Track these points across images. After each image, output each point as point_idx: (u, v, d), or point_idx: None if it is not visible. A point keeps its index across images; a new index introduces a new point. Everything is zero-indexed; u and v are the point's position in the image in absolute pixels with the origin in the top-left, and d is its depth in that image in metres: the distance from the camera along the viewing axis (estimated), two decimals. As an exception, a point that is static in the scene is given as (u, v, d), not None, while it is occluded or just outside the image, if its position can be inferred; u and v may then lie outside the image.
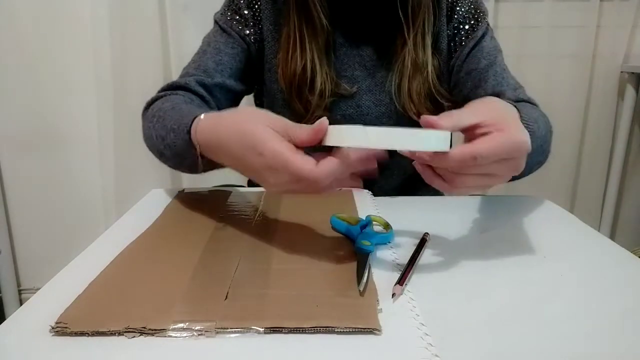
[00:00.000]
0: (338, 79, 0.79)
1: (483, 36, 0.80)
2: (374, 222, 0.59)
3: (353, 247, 0.53)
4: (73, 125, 1.58)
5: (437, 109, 0.79)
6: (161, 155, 0.66)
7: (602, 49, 1.57)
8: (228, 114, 0.53)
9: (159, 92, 0.75)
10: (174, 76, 1.50)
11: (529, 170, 0.67)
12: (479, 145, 0.44)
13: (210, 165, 0.58)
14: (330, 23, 0.76)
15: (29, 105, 1.55)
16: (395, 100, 0.78)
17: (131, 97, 1.51)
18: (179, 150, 0.59)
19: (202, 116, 0.56)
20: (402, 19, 0.75)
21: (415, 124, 0.77)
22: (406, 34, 0.75)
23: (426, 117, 0.46)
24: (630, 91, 1.58)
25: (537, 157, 0.64)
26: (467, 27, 0.79)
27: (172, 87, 0.74)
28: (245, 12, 0.78)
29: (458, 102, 0.79)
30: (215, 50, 0.77)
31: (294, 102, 0.78)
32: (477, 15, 0.80)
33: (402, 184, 0.85)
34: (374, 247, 0.51)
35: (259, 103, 0.88)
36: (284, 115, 0.51)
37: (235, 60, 0.78)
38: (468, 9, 0.79)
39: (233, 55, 0.78)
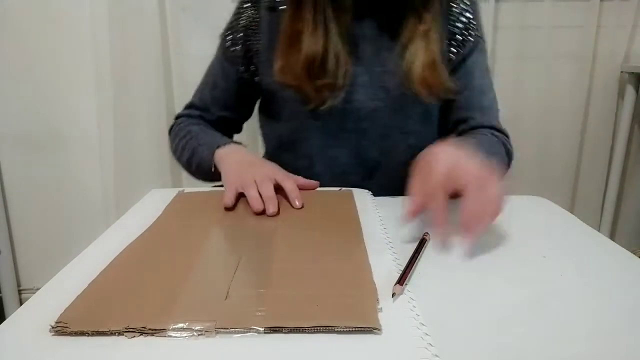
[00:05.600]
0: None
1: (470, 53, 0.81)
2: None
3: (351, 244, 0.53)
4: (73, 125, 1.58)
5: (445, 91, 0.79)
6: (187, 160, 0.83)
7: (602, 49, 1.57)
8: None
9: (176, 116, 0.92)
10: (174, 76, 1.51)
11: None
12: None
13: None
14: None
15: (29, 105, 1.55)
16: (404, 86, 0.77)
17: (131, 97, 1.51)
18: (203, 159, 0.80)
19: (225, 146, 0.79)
20: (412, 9, 0.75)
21: (409, 116, 0.79)
22: (415, 23, 0.75)
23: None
24: (630, 91, 1.58)
25: None
26: (459, 37, 0.80)
27: (186, 115, 0.90)
28: (241, 30, 0.83)
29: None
30: (213, 85, 0.88)
31: (307, 86, 0.76)
32: (470, 26, 0.81)
33: (403, 181, 0.85)
34: None
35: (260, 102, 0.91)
36: (276, 109, 0.84)
37: (228, 93, 0.88)
38: (464, 12, 0.80)
39: (226, 89, 0.87)
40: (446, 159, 0.56)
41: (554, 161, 1.65)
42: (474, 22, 0.81)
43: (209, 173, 0.78)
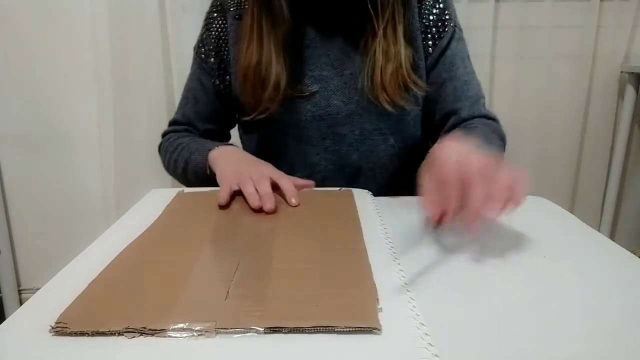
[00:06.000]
0: (305, 78, 0.79)
1: (448, 44, 0.80)
2: None
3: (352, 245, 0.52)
4: (73, 125, 1.58)
5: (412, 98, 0.80)
6: (183, 171, 0.83)
7: (602, 49, 1.57)
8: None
9: (163, 134, 0.91)
10: (174, 76, 1.51)
11: None
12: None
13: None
14: (297, 20, 0.76)
15: (29, 105, 1.55)
16: (368, 93, 0.77)
17: (131, 97, 1.51)
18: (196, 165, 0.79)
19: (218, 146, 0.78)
20: (371, 11, 0.74)
21: (387, 116, 0.79)
22: (376, 25, 0.75)
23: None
24: (630, 91, 1.58)
25: None
26: (434, 29, 0.80)
27: (173, 131, 0.89)
28: (213, 42, 0.83)
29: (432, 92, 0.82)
30: (194, 100, 0.87)
31: (246, 96, 0.78)
32: (444, 17, 0.80)
33: (386, 183, 0.85)
34: None
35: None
36: (253, 119, 0.79)
37: (210, 107, 0.87)
38: (436, 5, 0.80)
39: (207, 103, 0.87)
40: (452, 155, 0.53)
41: (554, 161, 1.65)
42: (448, 13, 0.80)
43: (206, 178, 0.77)
